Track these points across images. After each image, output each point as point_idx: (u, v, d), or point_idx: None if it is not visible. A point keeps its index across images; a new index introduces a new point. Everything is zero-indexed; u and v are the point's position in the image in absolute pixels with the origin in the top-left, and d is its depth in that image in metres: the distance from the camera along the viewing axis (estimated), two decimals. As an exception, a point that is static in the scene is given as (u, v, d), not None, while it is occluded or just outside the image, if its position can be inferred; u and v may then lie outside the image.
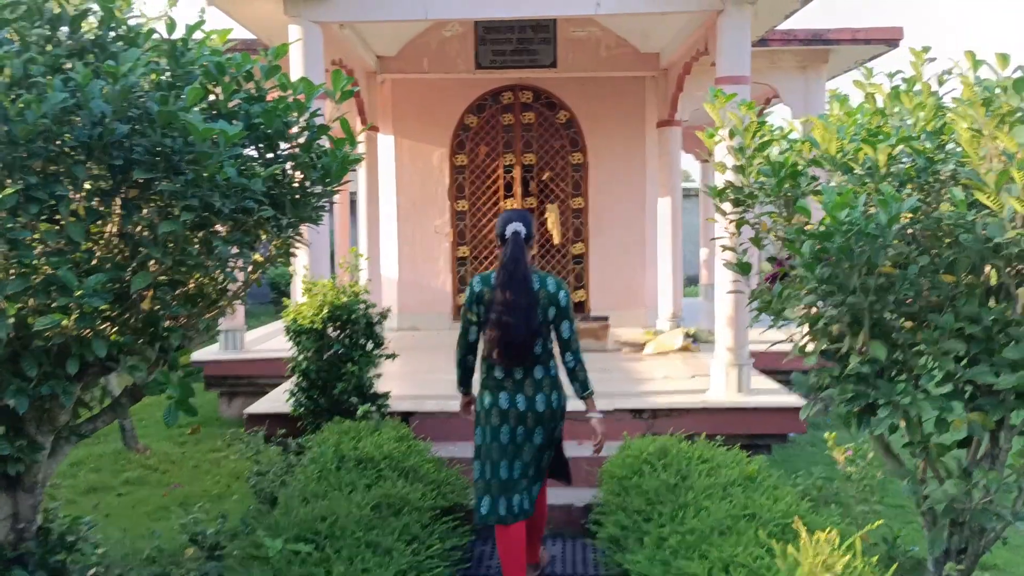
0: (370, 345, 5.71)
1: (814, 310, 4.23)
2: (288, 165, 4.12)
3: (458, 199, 10.28)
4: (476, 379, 4.53)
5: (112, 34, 3.95)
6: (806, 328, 4.33)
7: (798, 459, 7.15)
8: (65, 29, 3.86)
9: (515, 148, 10.23)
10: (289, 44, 4.13)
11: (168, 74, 3.88)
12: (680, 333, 8.36)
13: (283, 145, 4.08)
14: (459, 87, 10.03)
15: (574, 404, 5.23)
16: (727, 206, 4.70)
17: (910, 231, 3.88)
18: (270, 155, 4.03)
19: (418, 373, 7.45)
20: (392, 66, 9.24)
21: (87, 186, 3.58)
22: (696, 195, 14.27)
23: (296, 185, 4.20)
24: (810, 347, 4.33)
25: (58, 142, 3.36)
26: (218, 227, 3.80)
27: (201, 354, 8.69)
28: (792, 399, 6.00)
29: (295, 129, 4.05)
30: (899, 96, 4.58)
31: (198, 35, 4.27)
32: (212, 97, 4.02)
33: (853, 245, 3.70)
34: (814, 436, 7.48)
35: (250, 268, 4.31)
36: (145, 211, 3.68)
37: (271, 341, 9.00)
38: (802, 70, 8.79)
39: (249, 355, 8.40)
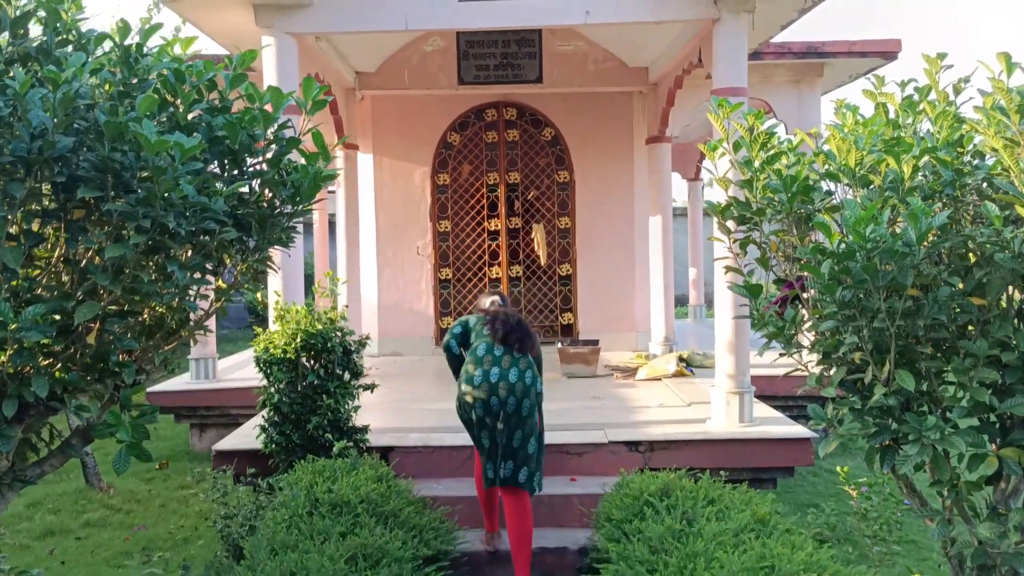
0: (348, 376, 5.32)
1: (829, 335, 3.90)
2: (255, 182, 3.77)
3: (440, 219, 9.92)
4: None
5: (59, 38, 3.58)
6: (820, 355, 4.01)
7: (801, 490, 6.81)
8: (6, 34, 3.49)
9: (499, 166, 9.90)
10: (258, 52, 3.77)
11: (121, 83, 3.52)
12: (673, 357, 8.00)
13: (249, 160, 3.72)
14: (441, 104, 9.69)
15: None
16: (731, 224, 4.38)
17: (938, 250, 3.55)
18: (235, 172, 3.66)
19: (400, 403, 7.06)
20: (371, 82, 8.88)
21: (33, 206, 3.22)
22: (684, 214, 13.96)
23: (265, 204, 3.84)
24: (824, 375, 4.00)
25: (-7, 156, 3.00)
26: (178, 251, 3.41)
27: (171, 383, 8.27)
28: (798, 429, 5.65)
29: (263, 143, 3.69)
30: (913, 106, 4.28)
31: (159, 41, 3.92)
32: (172, 109, 3.66)
33: (878, 265, 3.37)
34: (817, 464, 7.14)
35: (212, 296, 3.93)
36: (92, 233, 3.30)
37: (246, 369, 8.58)
38: (796, 84, 8.50)
39: (222, 384, 7.98)
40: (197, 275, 3.65)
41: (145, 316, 3.76)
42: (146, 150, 3.07)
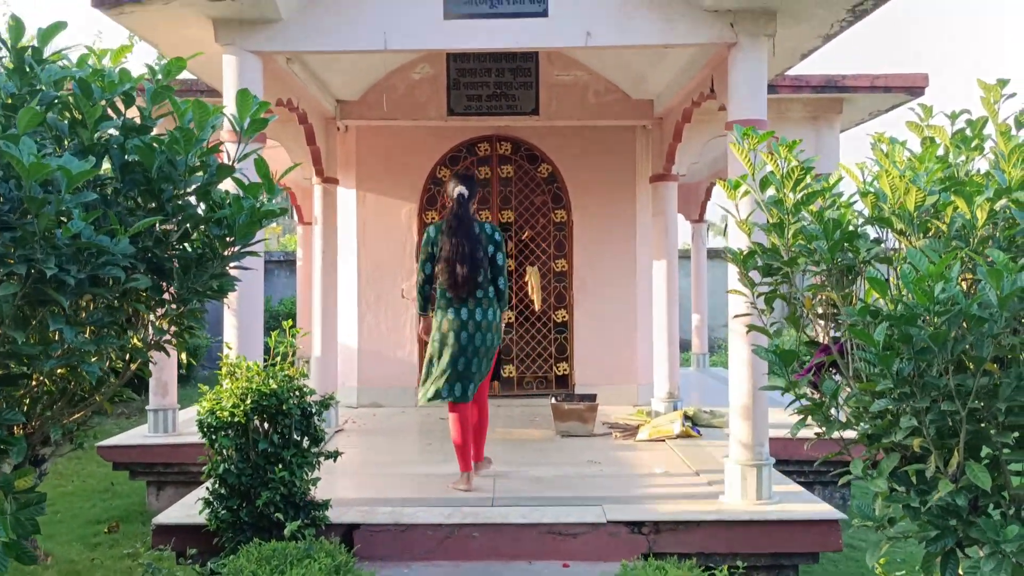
0: (307, 442, 4.61)
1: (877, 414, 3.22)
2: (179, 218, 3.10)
3: (428, 260, 9.22)
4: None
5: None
6: (865, 437, 3.32)
7: (820, 568, 6.06)
8: None
9: (492, 204, 9.25)
10: (186, 61, 3.12)
11: (10, 95, 2.87)
12: (678, 416, 7.29)
13: (174, 192, 3.05)
14: (430, 137, 9.06)
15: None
16: (754, 275, 3.71)
17: (1018, 316, 2.86)
18: (152, 205, 3.00)
19: (374, 467, 6.33)
20: (354, 112, 8.24)
21: None
22: (687, 257, 13.30)
23: (192, 245, 3.17)
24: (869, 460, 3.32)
25: None
26: (67, 304, 2.72)
27: (127, 437, 7.57)
28: (824, 508, 4.93)
29: (187, 171, 3.02)
30: (966, 141, 3.64)
31: (79, 49, 3.28)
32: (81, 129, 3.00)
33: (949, 332, 2.70)
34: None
35: (127, 356, 3.24)
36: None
37: (211, 420, 7.84)
38: (813, 121, 7.87)
39: (182, 439, 7.25)
40: (104, 331, 2.99)
41: (39, 381, 3.07)
42: (23, 176, 2.40)
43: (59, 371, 3.07)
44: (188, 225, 3.08)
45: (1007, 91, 3.54)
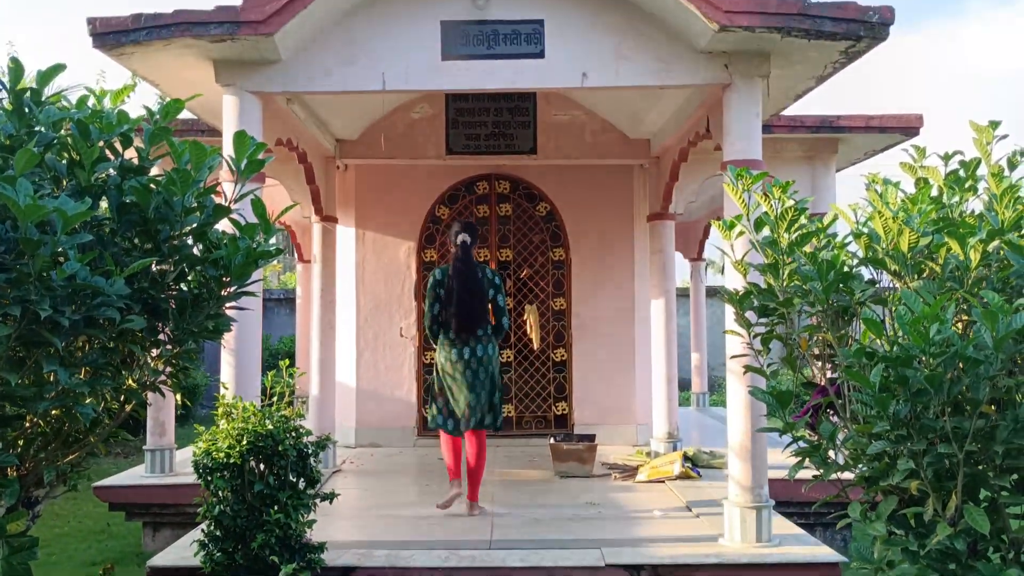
0: (302, 483, 4.57)
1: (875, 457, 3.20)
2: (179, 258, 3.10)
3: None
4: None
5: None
6: (864, 479, 3.30)
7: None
8: None
9: (490, 242, 9.27)
10: (183, 103, 3.15)
11: (8, 136, 2.88)
12: (678, 457, 7.25)
13: (170, 233, 3.06)
14: (429, 175, 9.10)
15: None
16: (750, 316, 3.72)
17: (1015, 357, 2.86)
18: (148, 246, 3.00)
19: (371, 508, 6.27)
20: (353, 151, 8.30)
21: None
22: (686, 295, 13.32)
23: (189, 286, 3.17)
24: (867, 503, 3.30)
25: None
26: (61, 345, 2.71)
27: (123, 477, 7.50)
28: (824, 551, 4.88)
29: (185, 211, 3.03)
30: (960, 182, 3.66)
31: (77, 90, 3.30)
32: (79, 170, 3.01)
33: (944, 374, 2.69)
34: None
35: (123, 397, 3.23)
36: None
37: (208, 460, 7.78)
38: (808, 161, 7.92)
39: (179, 479, 7.19)
40: (99, 372, 2.98)
41: (33, 423, 3.06)
42: (18, 217, 2.41)
43: (53, 412, 3.06)
44: (184, 266, 3.09)
45: (999, 133, 3.58)
